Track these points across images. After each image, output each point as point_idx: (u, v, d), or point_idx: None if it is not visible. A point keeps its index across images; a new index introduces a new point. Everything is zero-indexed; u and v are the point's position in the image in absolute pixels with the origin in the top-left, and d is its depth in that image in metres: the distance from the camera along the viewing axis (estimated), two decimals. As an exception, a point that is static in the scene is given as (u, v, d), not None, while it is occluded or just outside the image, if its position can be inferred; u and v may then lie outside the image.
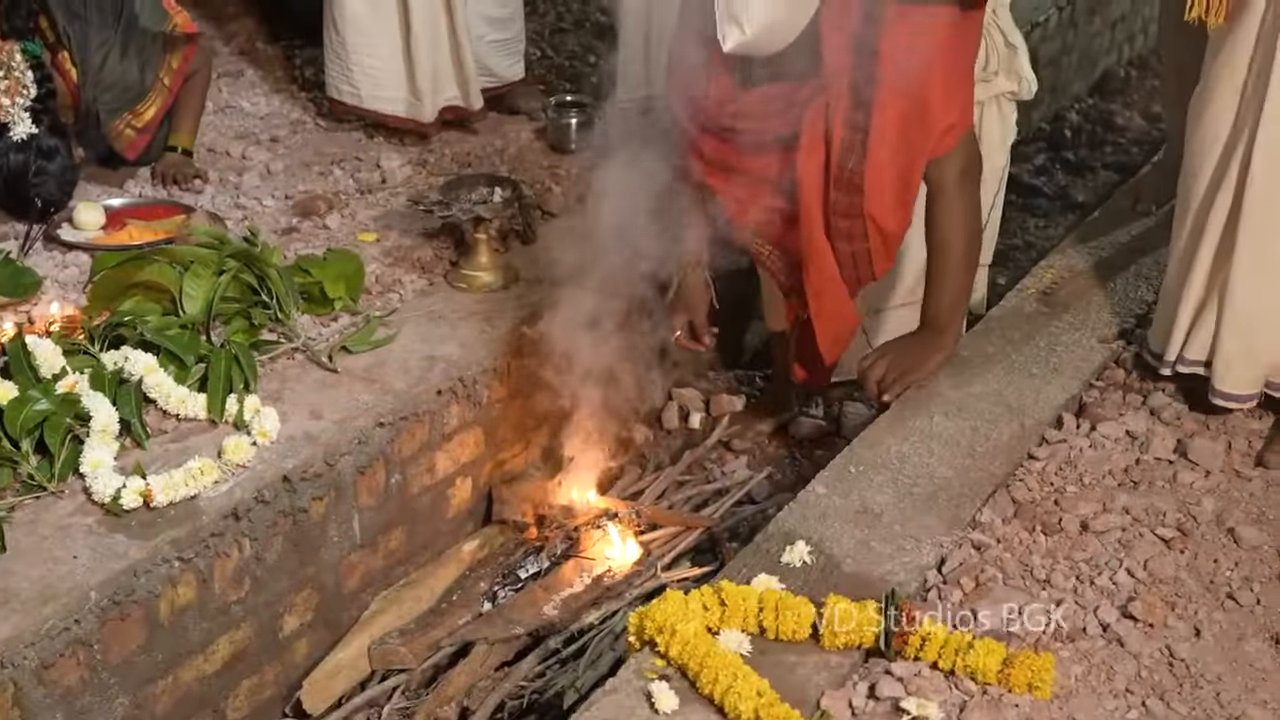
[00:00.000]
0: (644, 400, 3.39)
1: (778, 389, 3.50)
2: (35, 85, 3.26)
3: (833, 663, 2.08)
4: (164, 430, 2.57)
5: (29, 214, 3.28)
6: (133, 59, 3.51)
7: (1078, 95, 5.83)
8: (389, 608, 2.78)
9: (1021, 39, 2.97)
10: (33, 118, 3.25)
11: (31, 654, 2.12)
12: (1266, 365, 2.59)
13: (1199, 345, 2.64)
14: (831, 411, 3.40)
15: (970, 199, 2.69)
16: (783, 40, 2.47)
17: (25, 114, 3.23)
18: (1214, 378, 2.62)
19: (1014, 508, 2.47)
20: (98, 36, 3.45)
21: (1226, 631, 2.16)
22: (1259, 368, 2.59)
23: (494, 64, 4.06)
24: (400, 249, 3.31)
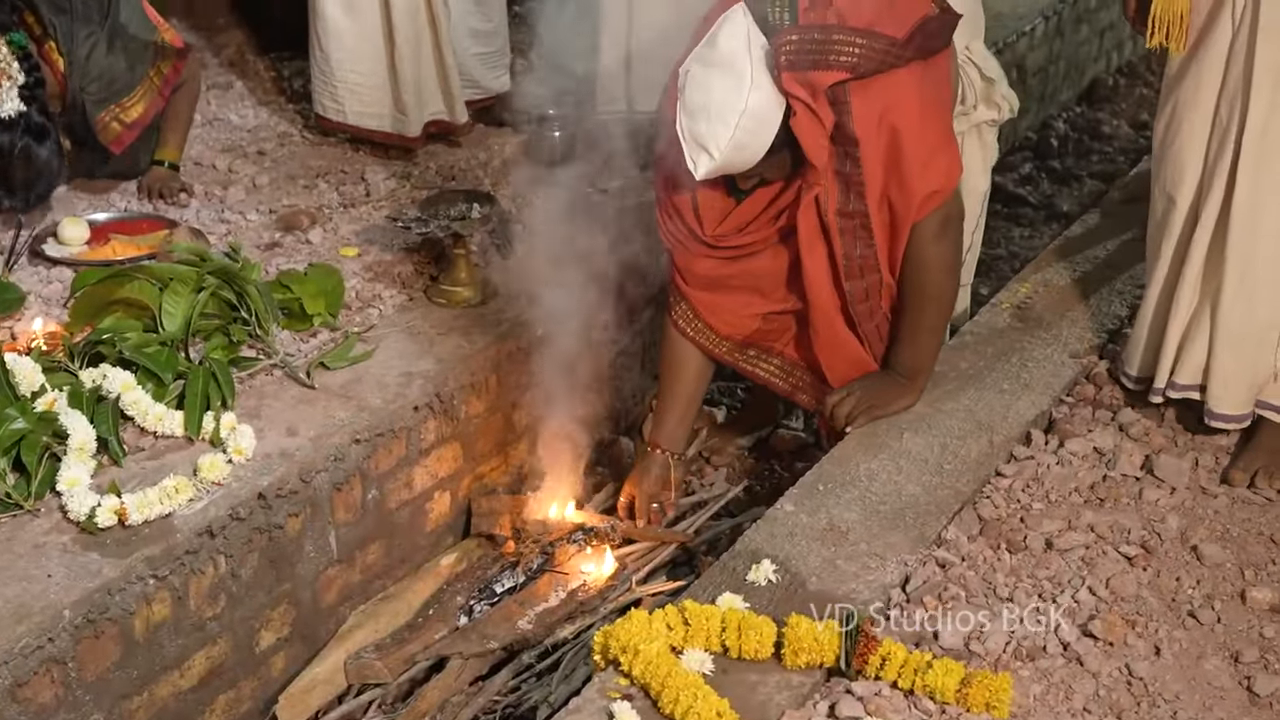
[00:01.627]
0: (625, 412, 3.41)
1: (758, 402, 3.51)
2: (23, 74, 3.24)
3: (794, 682, 2.09)
4: (141, 448, 2.58)
5: (14, 198, 3.25)
6: (119, 54, 3.50)
7: (1065, 103, 5.83)
8: (366, 622, 2.78)
9: (998, 67, 2.96)
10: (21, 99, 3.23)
11: (5, 672, 2.13)
12: (1258, 384, 2.59)
13: (1190, 369, 2.63)
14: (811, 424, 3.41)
15: (948, 255, 2.69)
16: (754, 155, 2.48)
17: (14, 93, 3.21)
18: (1210, 400, 2.62)
19: (980, 525, 2.47)
20: (84, 29, 3.44)
21: (1186, 650, 2.17)
22: (1253, 387, 2.60)
23: (480, 76, 4.08)
24: (381, 264, 3.32)
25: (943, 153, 2.62)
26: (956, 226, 2.70)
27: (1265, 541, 2.42)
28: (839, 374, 2.79)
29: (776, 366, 2.94)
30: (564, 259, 3.03)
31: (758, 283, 2.83)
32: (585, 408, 3.08)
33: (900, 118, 2.53)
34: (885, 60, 2.49)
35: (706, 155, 2.44)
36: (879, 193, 2.58)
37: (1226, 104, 2.45)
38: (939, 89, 2.69)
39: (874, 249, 2.64)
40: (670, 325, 2.92)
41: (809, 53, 2.45)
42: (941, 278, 2.69)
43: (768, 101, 2.44)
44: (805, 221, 2.63)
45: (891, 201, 2.60)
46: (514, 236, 3.38)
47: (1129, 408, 2.77)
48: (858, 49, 2.47)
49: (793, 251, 2.71)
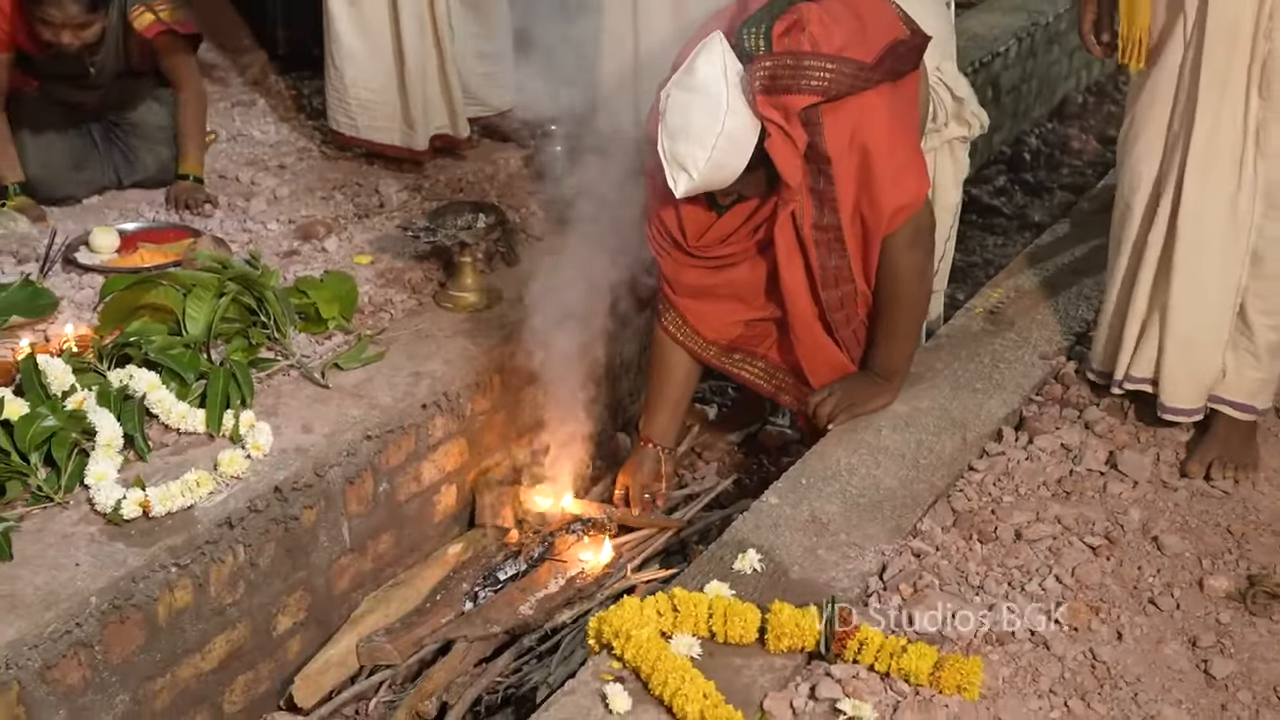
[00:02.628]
0: (622, 410, 3.41)
1: (746, 402, 3.51)
2: None
3: (777, 665, 2.09)
4: (165, 444, 2.58)
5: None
6: None
7: (1037, 120, 5.84)
8: (377, 608, 2.78)
9: (968, 86, 2.95)
10: None
11: (35, 655, 2.13)
12: (1207, 380, 2.59)
13: (1144, 364, 2.64)
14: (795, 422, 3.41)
15: (920, 264, 2.68)
16: (731, 174, 2.47)
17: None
18: (1161, 394, 2.62)
19: (953, 517, 2.47)
20: None
21: (1147, 635, 2.17)
22: (1202, 383, 2.59)
23: (485, 95, 4.07)
24: (392, 271, 3.31)
25: (911, 169, 2.62)
26: (927, 237, 2.69)
27: (1222, 533, 2.42)
28: (820, 376, 2.79)
29: (760, 369, 2.94)
30: (564, 267, 3.03)
31: (740, 291, 2.83)
32: (584, 406, 3.08)
33: (870, 137, 2.53)
34: (855, 83, 2.49)
35: (686, 174, 2.43)
36: (851, 207, 2.58)
37: (1178, 117, 2.45)
38: (907, 109, 2.69)
39: (848, 260, 2.64)
40: (660, 330, 2.92)
41: (782, 77, 2.45)
42: (914, 285, 2.69)
43: (743, 124, 2.43)
44: (782, 235, 2.63)
45: (864, 215, 2.60)
46: (517, 245, 3.38)
47: (1094, 406, 2.77)
48: (828, 73, 2.47)
49: (771, 262, 2.71)
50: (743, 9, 2.59)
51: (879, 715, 1.98)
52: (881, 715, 1.98)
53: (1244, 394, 2.57)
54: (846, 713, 1.97)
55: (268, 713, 2.65)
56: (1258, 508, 2.48)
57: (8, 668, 2.09)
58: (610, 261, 3.01)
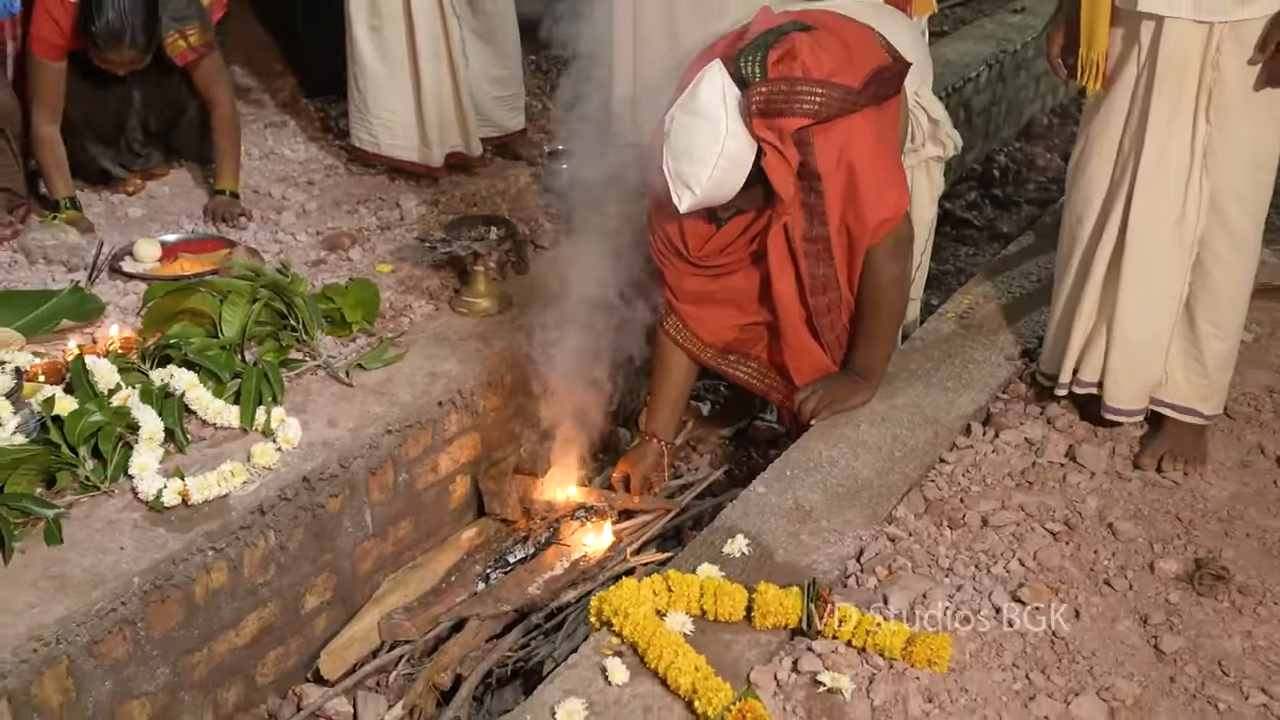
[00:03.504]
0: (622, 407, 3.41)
1: (737, 399, 3.51)
2: None
3: (762, 641, 2.10)
4: (202, 437, 2.58)
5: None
6: None
7: (1006, 140, 5.83)
8: (397, 588, 2.78)
9: (943, 110, 2.95)
10: None
11: (83, 631, 2.14)
12: (1149, 384, 2.59)
13: (1091, 369, 2.64)
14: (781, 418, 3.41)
15: (898, 272, 2.68)
16: (731, 190, 2.47)
17: None
18: (1106, 396, 2.62)
19: (925, 505, 2.48)
20: None
21: (1102, 614, 2.18)
22: (1144, 386, 2.60)
23: (497, 116, 4.06)
24: (411, 278, 3.31)
25: (893, 186, 2.62)
26: (906, 248, 2.70)
27: (1171, 519, 2.43)
28: (804, 375, 2.79)
29: (753, 369, 2.94)
30: (570, 275, 3.03)
31: (736, 297, 2.83)
32: (587, 402, 3.07)
33: (856, 156, 2.53)
34: (843, 106, 2.50)
35: (690, 191, 2.44)
36: (838, 220, 2.58)
37: (1129, 137, 2.45)
38: (890, 130, 2.69)
39: (834, 269, 2.64)
40: (662, 334, 2.93)
41: (777, 102, 2.45)
42: (893, 293, 2.69)
43: (741, 145, 2.44)
44: (775, 245, 2.63)
45: (849, 228, 2.60)
46: (526, 255, 3.39)
47: (1055, 403, 2.77)
48: (819, 97, 2.47)
49: (764, 271, 2.71)
50: (740, 38, 2.59)
51: (856, 687, 1.99)
52: (858, 687, 1.99)
53: (1191, 399, 2.57)
54: (826, 685, 1.98)
55: (297, 684, 2.65)
56: (1205, 497, 2.49)
57: (58, 643, 2.10)
58: (612, 270, 3.00)
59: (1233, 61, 2.28)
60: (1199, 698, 2.00)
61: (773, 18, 2.65)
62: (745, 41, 2.54)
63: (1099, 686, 2.01)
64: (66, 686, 2.14)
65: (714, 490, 3.15)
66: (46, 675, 2.10)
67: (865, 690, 1.99)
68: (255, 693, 2.57)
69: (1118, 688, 2.00)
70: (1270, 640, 2.12)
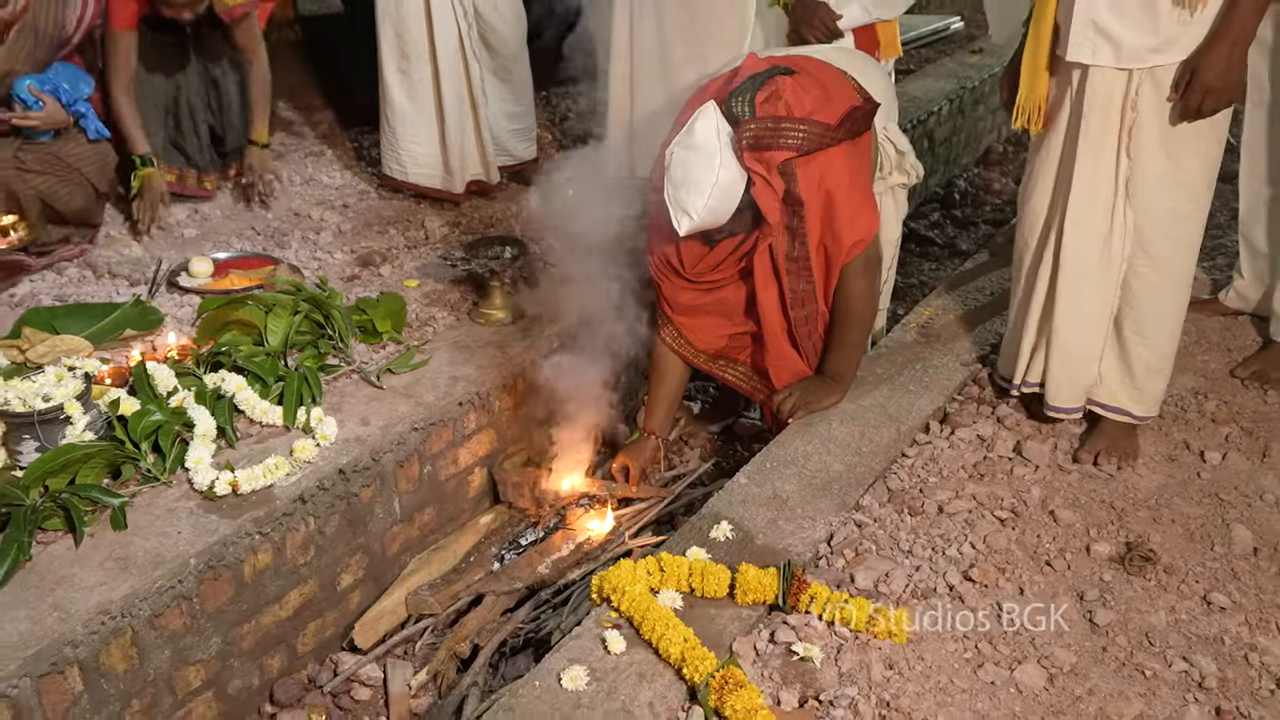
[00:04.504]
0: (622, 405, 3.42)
1: (724, 398, 3.52)
2: None
3: (744, 615, 2.11)
4: (250, 434, 2.60)
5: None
6: None
7: (965, 166, 5.81)
8: (422, 567, 2.79)
9: (908, 143, 2.96)
10: None
11: (145, 606, 2.16)
12: (1084, 386, 2.61)
13: (1035, 372, 2.66)
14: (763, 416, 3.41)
15: (869, 288, 2.69)
16: (724, 215, 2.48)
17: None
18: (1047, 396, 2.64)
19: (888, 495, 2.49)
20: None
21: (1043, 591, 2.19)
22: (1080, 388, 2.62)
23: (512, 147, 4.08)
24: (435, 292, 3.33)
25: (866, 211, 2.63)
26: (876, 267, 2.71)
27: (1106, 507, 2.44)
28: (784, 378, 2.81)
29: (739, 372, 2.96)
30: (575, 289, 3.04)
31: (725, 309, 2.84)
32: (590, 402, 3.08)
33: (834, 184, 2.54)
34: (822, 141, 2.51)
35: (688, 217, 2.44)
36: (817, 241, 2.60)
37: (1064, 170, 2.46)
38: (863, 161, 2.71)
39: (813, 285, 2.65)
40: (659, 341, 2.94)
41: (765, 137, 2.47)
42: (863, 305, 2.70)
43: (733, 176, 2.45)
44: (761, 263, 2.65)
45: (826, 248, 2.61)
46: (537, 271, 3.40)
47: (1004, 404, 2.78)
48: (801, 133, 2.49)
49: (750, 287, 2.72)
50: (730, 80, 2.61)
51: (825, 656, 2.00)
52: (827, 656, 2.01)
53: (1124, 402, 2.59)
54: (799, 654, 2.00)
55: (333, 653, 2.66)
56: (1135, 488, 2.50)
57: (123, 616, 2.12)
58: (611, 285, 3.01)
59: (1150, 102, 2.30)
60: (1128, 665, 2.02)
61: (759, 62, 2.67)
62: (735, 84, 2.56)
63: (1040, 655, 2.03)
64: (130, 655, 2.16)
65: (703, 480, 3.16)
66: (113, 645, 2.12)
67: (833, 658, 2.01)
68: (296, 660, 2.58)
69: (1056, 656, 2.02)
70: (1191, 614, 2.13)
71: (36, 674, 2.00)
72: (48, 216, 3.37)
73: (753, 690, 1.88)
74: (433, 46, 3.71)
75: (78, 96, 3.28)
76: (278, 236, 3.72)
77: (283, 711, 2.48)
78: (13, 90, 3.20)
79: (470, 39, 3.75)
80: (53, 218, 3.39)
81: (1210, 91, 2.21)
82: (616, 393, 3.20)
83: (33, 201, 3.30)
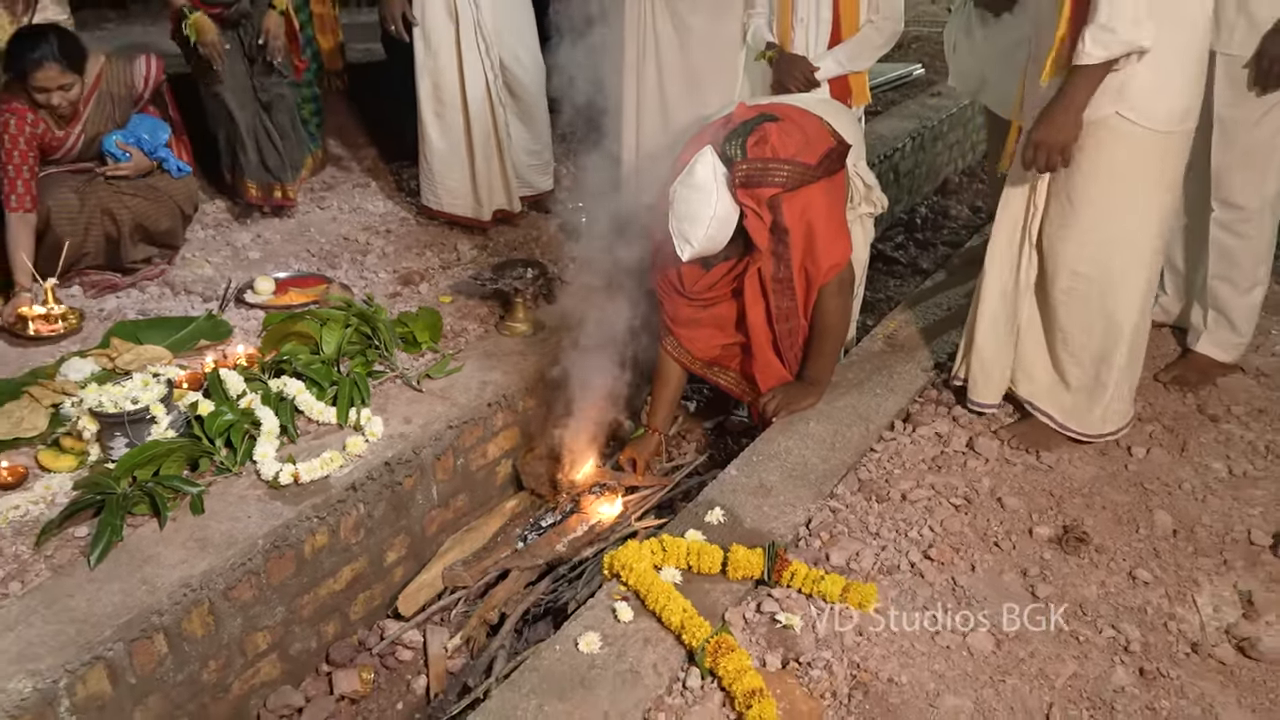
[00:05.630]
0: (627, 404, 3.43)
1: (717, 399, 3.52)
2: None
3: (734, 589, 2.13)
4: (308, 431, 2.61)
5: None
6: None
7: (926, 194, 5.81)
8: (456, 546, 2.80)
9: (874, 178, 2.97)
10: None
11: (220, 580, 2.19)
12: (997, 387, 2.64)
13: (964, 371, 2.71)
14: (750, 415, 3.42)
15: (843, 305, 2.70)
16: (720, 244, 2.51)
17: None
18: (970, 392, 2.68)
19: (859, 484, 2.50)
20: None
21: (992, 568, 2.21)
22: (994, 388, 2.64)
23: (532, 179, 4.09)
24: (466, 307, 3.34)
25: (841, 238, 2.66)
26: (849, 287, 2.74)
27: (1046, 495, 2.45)
28: (768, 382, 2.82)
29: (730, 377, 2.97)
30: (588, 304, 3.05)
31: (719, 323, 2.86)
32: (601, 402, 3.08)
33: (814, 216, 2.57)
34: (804, 179, 2.54)
35: (689, 245, 2.47)
36: (799, 264, 2.62)
37: (1030, 209, 2.46)
38: (838, 196, 2.73)
39: (795, 302, 2.67)
40: (662, 350, 2.95)
41: (755, 176, 2.50)
42: (838, 320, 2.73)
43: (728, 209, 2.48)
44: (750, 284, 2.67)
45: (807, 270, 2.64)
46: (555, 289, 3.42)
47: (959, 405, 2.79)
48: (785, 173, 2.52)
49: (740, 304, 2.74)
50: (724, 125, 2.63)
51: (804, 624, 2.02)
52: (806, 624, 2.03)
53: (1053, 409, 2.58)
54: (781, 622, 2.02)
55: (380, 620, 2.67)
56: (1071, 478, 2.52)
57: (202, 589, 2.15)
58: (620, 301, 3.04)
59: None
60: (1064, 632, 2.04)
61: (748, 109, 2.70)
62: (729, 129, 2.59)
63: (988, 624, 2.05)
64: (208, 622, 2.19)
65: (698, 471, 3.15)
66: (193, 614, 2.15)
67: (811, 626, 2.03)
68: (348, 626, 2.60)
69: (1003, 625, 2.04)
70: (1119, 588, 2.15)
71: (129, 639, 2.03)
72: (139, 236, 3.42)
73: (742, 654, 1.90)
74: (464, 94, 3.74)
75: (158, 144, 3.33)
76: (330, 258, 3.74)
77: (337, 670, 2.50)
78: (103, 146, 3.25)
79: (496, 87, 3.78)
80: (144, 237, 3.44)
81: (1038, 146, 2.23)
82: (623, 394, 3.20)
83: (128, 222, 3.35)
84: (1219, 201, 2.72)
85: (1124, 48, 2.09)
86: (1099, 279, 2.40)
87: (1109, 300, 2.42)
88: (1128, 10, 2.05)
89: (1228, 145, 2.63)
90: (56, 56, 3.02)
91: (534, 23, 3.87)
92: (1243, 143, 2.61)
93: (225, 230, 3.94)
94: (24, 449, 2.49)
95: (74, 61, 3.09)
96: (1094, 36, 2.08)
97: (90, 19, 5.57)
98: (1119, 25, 2.06)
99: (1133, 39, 2.07)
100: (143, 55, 3.34)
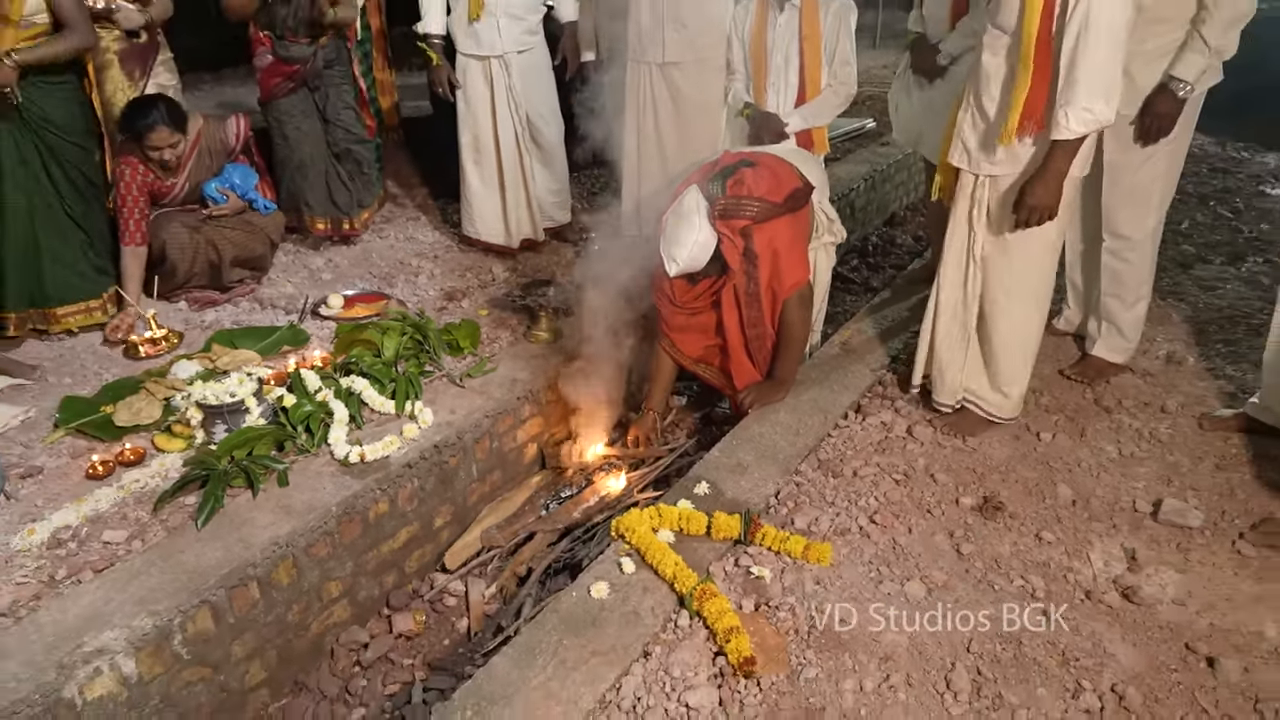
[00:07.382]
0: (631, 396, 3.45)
1: (704, 392, 3.53)
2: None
3: (717, 547, 2.15)
4: (372, 420, 2.62)
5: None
6: None
7: (876, 225, 5.79)
8: (492, 513, 2.81)
9: (835, 212, 2.98)
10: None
11: (301, 540, 2.22)
12: (951, 389, 2.64)
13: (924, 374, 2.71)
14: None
15: (803, 316, 2.71)
16: (700, 264, 2.53)
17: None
18: (932, 392, 2.69)
19: (819, 463, 2.51)
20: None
21: (925, 531, 2.23)
22: (949, 390, 2.65)
23: (553, 213, 4.08)
24: (500, 319, 3.34)
25: (801, 264, 2.68)
26: (808, 301, 2.75)
27: (970, 471, 2.47)
28: (743, 380, 2.83)
29: (714, 373, 2.97)
30: (599, 317, 3.07)
31: (702, 328, 2.87)
32: (609, 395, 3.09)
33: (779, 245, 2.60)
34: (771, 214, 2.56)
35: (675, 263, 2.50)
36: (766, 283, 2.64)
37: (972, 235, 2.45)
38: (801, 228, 2.75)
39: (763, 314, 2.69)
40: (659, 348, 2.96)
41: (731, 210, 2.52)
42: (799, 329, 2.74)
43: (708, 236, 2.51)
44: (726, 298, 2.69)
45: (773, 288, 2.65)
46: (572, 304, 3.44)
47: (900, 399, 2.80)
48: (756, 208, 2.54)
49: (719, 313, 2.77)
50: (709, 170, 2.66)
51: (772, 575, 2.05)
52: (774, 575, 2.06)
53: (989, 405, 2.60)
54: (754, 574, 2.05)
55: (430, 573, 2.68)
56: (991, 457, 2.53)
57: (287, 546, 2.18)
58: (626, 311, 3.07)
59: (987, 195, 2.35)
60: (983, 582, 2.07)
61: (730, 156, 2.73)
62: (714, 171, 2.62)
63: (921, 575, 2.08)
64: (292, 573, 2.23)
65: (688, 452, 3.11)
66: (280, 567, 2.18)
67: (779, 577, 2.06)
68: (404, 578, 2.61)
69: (933, 576, 2.07)
70: (1027, 547, 2.18)
71: (229, 586, 2.07)
72: (236, 261, 3.46)
73: (722, 599, 1.93)
74: (497, 144, 3.75)
75: (248, 187, 3.38)
76: (388, 278, 3.74)
77: (395, 613, 2.52)
78: (204, 191, 3.31)
79: (523, 138, 3.79)
80: (239, 262, 3.48)
81: (1034, 209, 2.23)
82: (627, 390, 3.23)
83: (228, 251, 3.40)
84: (1109, 233, 2.75)
85: (1100, 125, 2.11)
86: (1015, 292, 2.42)
87: (1023, 308, 2.45)
88: (1102, 93, 2.05)
89: (1115, 186, 2.66)
90: (165, 121, 3.09)
91: (554, 85, 3.89)
92: (1127, 184, 2.64)
93: (303, 256, 3.96)
94: (143, 434, 2.53)
95: (179, 124, 3.15)
96: (1076, 116, 2.08)
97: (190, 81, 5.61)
98: (1096, 106, 2.07)
99: (1108, 117, 2.09)
100: (233, 115, 3.40)
